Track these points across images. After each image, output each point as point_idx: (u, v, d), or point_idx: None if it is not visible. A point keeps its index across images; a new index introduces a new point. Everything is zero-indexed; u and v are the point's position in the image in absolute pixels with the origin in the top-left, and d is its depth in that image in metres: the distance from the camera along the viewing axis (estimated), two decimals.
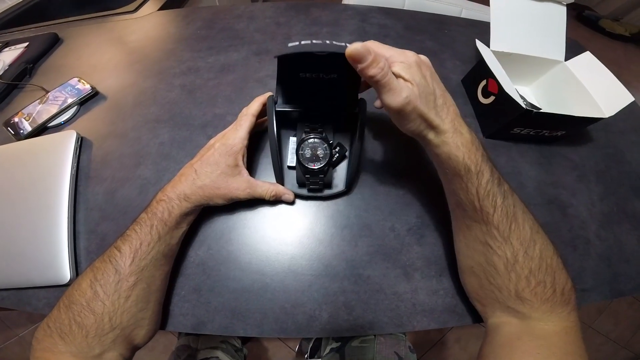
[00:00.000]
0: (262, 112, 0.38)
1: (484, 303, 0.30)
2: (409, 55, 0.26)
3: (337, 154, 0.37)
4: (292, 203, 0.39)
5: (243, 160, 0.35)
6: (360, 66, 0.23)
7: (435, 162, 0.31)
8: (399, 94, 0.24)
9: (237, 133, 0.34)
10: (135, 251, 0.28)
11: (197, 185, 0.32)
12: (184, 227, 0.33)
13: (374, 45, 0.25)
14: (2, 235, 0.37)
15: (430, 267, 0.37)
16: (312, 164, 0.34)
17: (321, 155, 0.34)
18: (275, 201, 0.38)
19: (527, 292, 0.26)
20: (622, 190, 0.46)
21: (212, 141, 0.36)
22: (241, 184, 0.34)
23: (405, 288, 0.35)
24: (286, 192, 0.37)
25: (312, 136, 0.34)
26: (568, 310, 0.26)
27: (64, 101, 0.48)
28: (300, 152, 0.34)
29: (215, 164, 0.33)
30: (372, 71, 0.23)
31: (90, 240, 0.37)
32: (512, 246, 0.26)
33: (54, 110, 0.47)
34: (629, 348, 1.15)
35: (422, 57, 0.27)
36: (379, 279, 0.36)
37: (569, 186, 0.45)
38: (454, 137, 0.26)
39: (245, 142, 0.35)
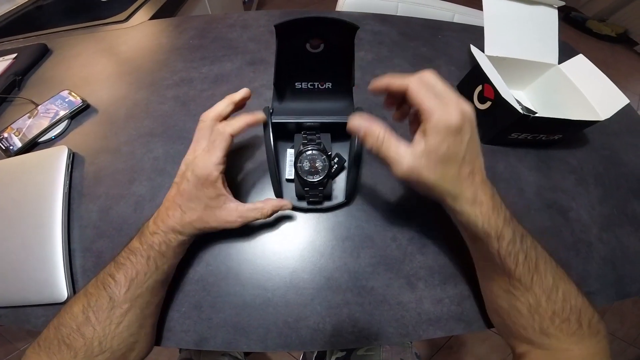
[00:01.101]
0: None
1: (510, 337, 0.30)
2: (452, 113, 0.23)
3: (336, 165, 0.37)
4: (293, 209, 0.38)
5: (224, 185, 0.31)
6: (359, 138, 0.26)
7: (456, 222, 0.29)
8: (399, 165, 0.24)
9: (210, 159, 0.29)
10: (131, 280, 0.27)
11: (186, 221, 0.30)
12: (181, 255, 0.32)
13: (415, 89, 0.24)
14: None
15: (433, 276, 0.36)
16: (311, 177, 0.33)
17: (320, 168, 0.33)
18: (273, 214, 0.36)
19: (552, 329, 0.26)
20: (621, 192, 0.47)
21: (182, 166, 0.31)
22: (230, 214, 0.31)
23: (409, 298, 0.35)
24: (281, 204, 0.34)
25: (310, 148, 0.33)
26: (599, 338, 0.26)
27: (55, 115, 0.47)
28: (298, 164, 0.33)
29: (197, 198, 0.30)
30: (367, 144, 0.25)
31: (86, 258, 0.36)
32: (534, 294, 0.26)
33: (44, 124, 0.46)
34: (636, 345, 1.16)
35: (468, 110, 0.24)
36: (383, 290, 0.35)
37: (568, 190, 0.45)
38: (473, 208, 0.25)
39: (222, 167, 0.30)
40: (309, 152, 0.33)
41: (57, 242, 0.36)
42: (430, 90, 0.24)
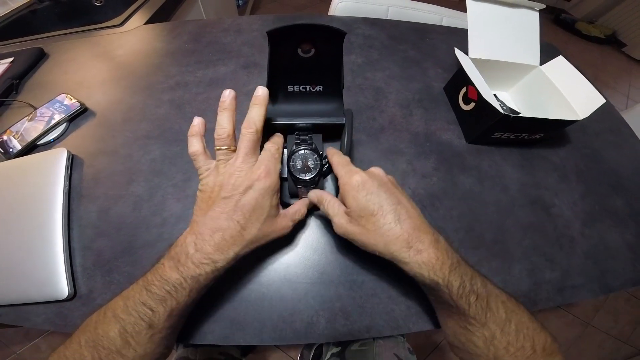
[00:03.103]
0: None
1: None
2: (354, 177, 0.29)
3: (327, 164, 0.38)
4: (287, 206, 0.37)
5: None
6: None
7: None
8: (335, 225, 0.31)
9: (275, 174, 0.31)
10: (171, 310, 0.26)
11: (247, 240, 0.29)
12: None
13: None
14: None
15: None
16: (303, 175, 0.35)
17: (312, 166, 0.35)
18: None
19: (507, 357, 0.27)
20: (602, 189, 0.49)
21: (221, 179, 0.29)
22: (284, 220, 0.32)
23: (398, 291, 0.36)
24: (306, 202, 0.36)
25: (302, 147, 0.35)
26: (553, 358, 0.27)
27: (53, 118, 0.48)
28: (291, 163, 0.35)
29: (260, 208, 0.29)
30: (320, 208, 0.32)
31: (86, 257, 0.37)
32: (489, 328, 0.27)
33: (42, 127, 0.47)
34: (630, 344, 1.16)
35: (365, 175, 0.30)
36: (373, 284, 0.37)
37: (551, 186, 0.47)
38: (413, 256, 0.26)
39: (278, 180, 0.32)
40: (302, 151, 0.35)
41: (58, 241, 0.36)
42: (343, 165, 0.31)
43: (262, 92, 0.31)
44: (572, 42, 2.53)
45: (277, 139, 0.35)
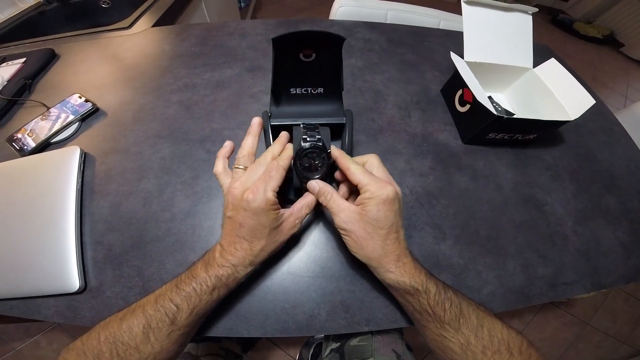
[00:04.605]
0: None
1: None
2: (390, 190, 0.30)
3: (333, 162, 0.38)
4: (292, 202, 0.38)
5: (277, 201, 0.31)
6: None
7: (386, 285, 0.34)
8: (337, 217, 0.31)
9: (264, 194, 0.29)
10: (193, 308, 0.29)
11: (256, 249, 0.31)
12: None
13: (359, 175, 0.31)
14: (12, 246, 0.38)
15: None
16: (311, 174, 0.34)
17: (319, 165, 0.34)
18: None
19: None
20: (595, 188, 0.50)
21: (230, 199, 0.31)
22: (289, 221, 0.33)
23: None
24: (313, 196, 0.35)
25: (309, 146, 0.33)
26: None
27: (66, 117, 0.49)
28: (298, 161, 0.34)
29: (260, 226, 0.30)
30: (320, 200, 0.33)
31: (97, 251, 0.39)
32: (463, 334, 0.30)
33: (56, 126, 0.48)
34: (629, 343, 1.16)
35: (399, 190, 0.32)
36: (372, 279, 0.37)
37: (544, 185, 0.49)
38: (400, 268, 0.31)
39: (273, 198, 0.30)
40: (309, 150, 0.33)
41: (70, 235, 0.38)
42: (365, 175, 0.31)
43: (256, 121, 0.36)
44: (570, 42, 2.53)
45: (287, 152, 0.34)
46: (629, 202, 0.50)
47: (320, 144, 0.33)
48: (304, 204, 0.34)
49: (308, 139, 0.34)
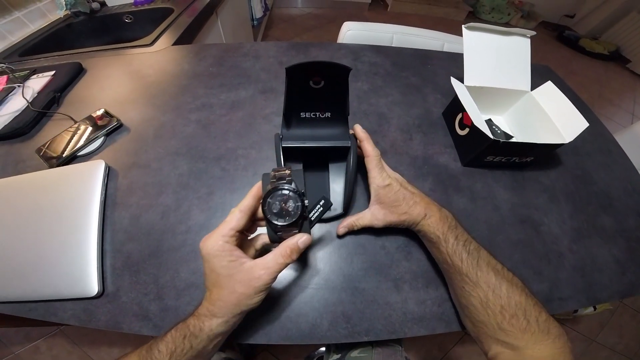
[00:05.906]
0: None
1: (480, 340, 0.35)
2: (385, 178, 0.39)
3: (321, 208, 0.35)
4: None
5: (236, 251, 0.30)
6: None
7: (420, 236, 0.41)
8: (374, 225, 0.41)
9: (214, 234, 0.30)
10: (171, 353, 0.29)
11: (215, 298, 0.29)
12: (219, 343, 0.32)
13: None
14: (37, 251, 0.41)
15: (417, 280, 0.41)
16: (278, 220, 0.29)
17: (291, 209, 0.29)
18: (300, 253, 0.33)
19: (506, 324, 0.31)
20: (591, 208, 0.51)
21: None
22: (253, 271, 0.29)
23: (396, 298, 0.40)
24: (299, 240, 0.31)
25: (282, 187, 0.29)
26: (552, 338, 0.30)
27: (92, 132, 0.52)
28: (266, 206, 0.29)
29: (212, 272, 0.30)
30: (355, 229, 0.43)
31: (116, 258, 0.41)
32: (481, 288, 0.33)
33: (82, 140, 0.52)
34: (636, 359, 1.14)
35: (394, 175, 0.41)
36: (373, 291, 0.40)
37: (540, 207, 0.50)
38: (426, 220, 0.38)
39: (227, 238, 0.29)
40: (281, 191, 0.30)
41: (92, 243, 0.41)
42: (376, 165, 0.40)
43: (256, 186, 0.33)
44: (576, 59, 2.53)
45: (247, 199, 0.32)
46: (624, 222, 0.51)
47: (292, 186, 0.30)
48: (280, 254, 0.30)
49: (277, 182, 0.30)
